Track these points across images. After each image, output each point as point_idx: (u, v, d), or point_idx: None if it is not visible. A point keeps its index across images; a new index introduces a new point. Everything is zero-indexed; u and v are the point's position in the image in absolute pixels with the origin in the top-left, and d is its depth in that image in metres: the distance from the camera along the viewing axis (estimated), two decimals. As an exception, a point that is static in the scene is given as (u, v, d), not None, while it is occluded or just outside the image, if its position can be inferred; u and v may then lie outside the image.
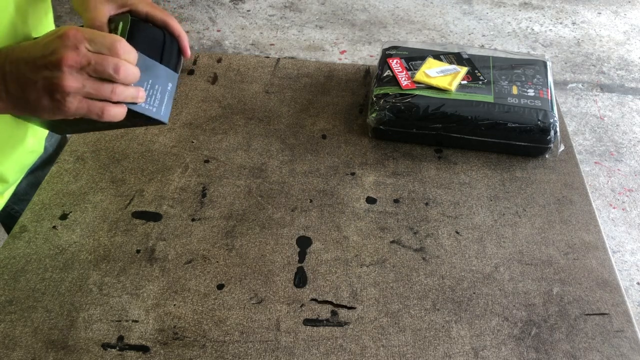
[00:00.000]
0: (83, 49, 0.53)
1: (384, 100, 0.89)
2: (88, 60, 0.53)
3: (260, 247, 0.76)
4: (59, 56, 0.52)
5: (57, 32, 0.53)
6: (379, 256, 0.76)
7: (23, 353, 0.64)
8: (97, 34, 0.54)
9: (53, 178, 0.84)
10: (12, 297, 0.69)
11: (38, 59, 0.53)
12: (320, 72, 1.07)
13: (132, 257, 0.74)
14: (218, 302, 0.70)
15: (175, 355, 0.64)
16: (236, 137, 0.92)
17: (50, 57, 0.52)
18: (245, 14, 2.97)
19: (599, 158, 2.24)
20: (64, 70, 0.52)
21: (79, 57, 0.52)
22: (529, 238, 0.79)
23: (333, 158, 0.89)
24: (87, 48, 0.53)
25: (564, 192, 0.85)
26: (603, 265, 0.75)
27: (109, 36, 0.54)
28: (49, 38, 0.53)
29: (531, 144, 0.88)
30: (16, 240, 0.76)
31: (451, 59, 0.96)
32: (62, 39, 0.52)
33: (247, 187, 0.84)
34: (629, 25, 3.00)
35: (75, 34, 0.52)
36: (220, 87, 1.02)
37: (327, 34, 2.85)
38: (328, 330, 0.67)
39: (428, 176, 0.87)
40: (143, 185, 0.84)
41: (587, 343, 0.67)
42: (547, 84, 0.93)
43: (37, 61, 0.53)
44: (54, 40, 0.53)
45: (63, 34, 0.52)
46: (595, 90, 2.57)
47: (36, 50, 0.53)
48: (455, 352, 0.66)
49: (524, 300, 0.71)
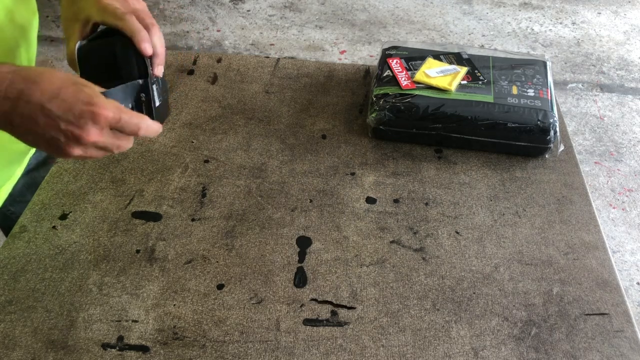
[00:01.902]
0: (107, 131, 0.55)
1: (383, 100, 0.89)
2: (104, 143, 0.55)
3: (260, 247, 0.76)
4: (84, 133, 0.53)
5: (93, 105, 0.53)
6: (379, 256, 0.76)
7: (23, 353, 0.64)
8: (126, 116, 0.55)
9: (53, 178, 0.84)
10: (12, 297, 0.69)
11: (62, 122, 0.52)
12: (320, 72, 1.07)
13: (132, 257, 0.74)
14: (218, 302, 0.70)
15: (175, 355, 0.64)
16: (236, 137, 0.92)
17: (75, 130, 0.53)
18: (245, 14, 2.97)
19: (599, 158, 2.24)
20: (81, 144, 0.54)
21: (100, 137, 0.54)
22: (528, 238, 0.79)
23: (333, 158, 0.89)
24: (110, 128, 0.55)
25: (564, 192, 0.85)
26: (603, 265, 0.75)
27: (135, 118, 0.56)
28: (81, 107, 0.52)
29: (531, 144, 0.88)
30: (16, 240, 0.76)
31: (451, 59, 0.96)
32: (95, 118, 0.53)
33: (247, 187, 0.84)
34: (629, 25, 3.00)
35: (108, 117, 0.53)
36: (220, 87, 1.02)
37: (327, 34, 2.85)
38: (328, 330, 0.67)
39: (428, 176, 0.87)
40: (143, 185, 0.84)
41: (587, 343, 0.67)
42: (547, 84, 0.93)
43: (59, 123, 0.52)
44: (87, 114, 0.53)
45: (99, 114, 0.53)
46: (595, 90, 2.57)
47: (63, 110, 0.52)
48: (455, 352, 0.66)
49: (524, 300, 0.71)
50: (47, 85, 0.52)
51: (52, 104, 0.52)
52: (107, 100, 0.54)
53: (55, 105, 0.52)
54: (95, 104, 0.53)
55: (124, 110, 0.55)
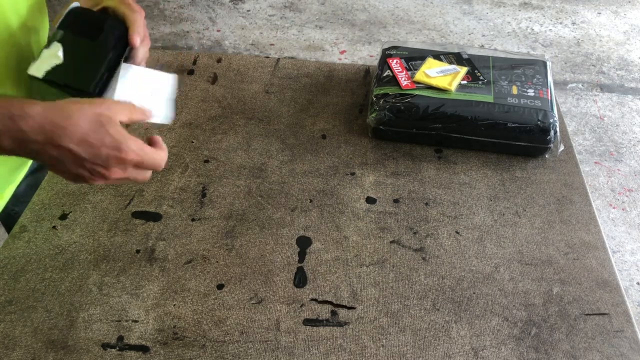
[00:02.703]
0: (130, 169, 0.57)
1: (383, 100, 0.89)
2: (127, 178, 0.58)
3: (260, 247, 0.76)
4: (109, 173, 0.56)
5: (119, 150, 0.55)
6: (379, 256, 0.76)
7: (23, 353, 0.64)
8: (147, 157, 0.57)
9: (53, 178, 0.84)
10: (12, 297, 0.69)
11: (88, 163, 0.54)
12: (320, 72, 1.07)
13: (132, 257, 0.74)
14: (218, 302, 0.70)
15: (175, 355, 0.64)
16: (236, 137, 0.92)
17: (101, 170, 0.55)
18: (245, 14, 2.97)
19: (599, 158, 2.24)
20: (105, 180, 0.57)
21: (122, 175, 0.57)
22: (528, 238, 0.79)
23: (333, 158, 0.89)
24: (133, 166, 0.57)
25: (564, 192, 0.85)
26: (603, 265, 0.75)
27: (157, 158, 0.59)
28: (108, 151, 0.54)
29: (531, 144, 0.88)
30: (16, 240, 0.76)
31: (451, 59, 0.96)
32: (120, 161, 0.55)
33: (247, 187, 0.84)
34: (629, 25, 3.00)
35: (133, 159, 0.56)
36: (220, 87, 1.02)
37: (327, 34, 2.85)
38: (328, 330, 0.67)
39: (428, 176, 0.87)
40: (143, 185, 0.84)
41: (587, 343, 0.67)
42: (547, 84, 0.93)
43: (86, 163, 0.54)
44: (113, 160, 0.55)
45: (124, 159, 0.55)
46: (595, 90, 2.57)
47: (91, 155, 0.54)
48: (455, 352, 0.66)
49: (524, 300, 0.71)
50: (75, 129, 0.54)
51: (80, 148, 0.54)
52: (132, 143, 0.56)
53: (83, 150, 0.54)
54: (121, 150, 0.55)
55: (146, 151, 0.57)
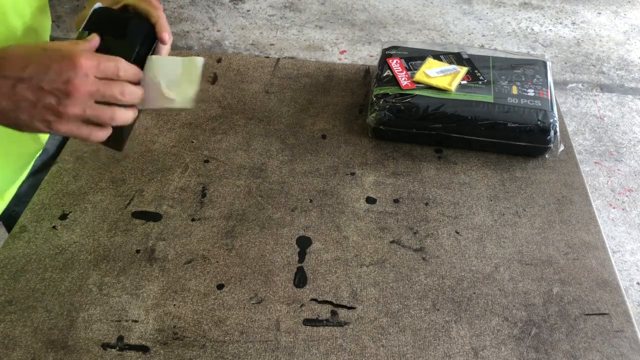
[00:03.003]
0: (92, 77, 0.53)
1: (383, 100, 0.89)
2: (97, 88, 0.54)
3: (260, 247, 0.76)
4: (73, 87, 0.52)
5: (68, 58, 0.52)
6: (379, 256, 0.76)
7: (23, 353, 0.64)
8: (102, 59, 0.54)
9: (53, 178, 0.84)
10: (12, 297, 0.69)
11: (45, 83, 0.52)
12: (320, 72, 1.07)
13: (132, 257, 0.74)
14: (218, 302, 0.70)
15: (175, 355, 0.64)
16: (236, 137, 0.92)
17: (63, 86, 0.52)
18: (245, 14, 2.97)
19: (599, 158, 2.24)
20: (74, 98, 0.52)
21: (90, 86, 0.53)
22: (528, 238, 0.79)
23: (333, 158, 0.89)
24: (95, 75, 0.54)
25: (564, 192, 0.85)
26: (603, 265, 0.75)
27: (112, 60, 0.55)
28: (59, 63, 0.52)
29: (531, 144, 0.88)
30: (16, 240, 0.76)
31: (451, 59, 0.96)
32: (76, 69, 0.52)
33: (247, 187, 0.84)
34: (629, 25, 3.00)
35: (86, 64, 0.52)
36: (220, 87, 1.02)
37: (327, 34, 2.85)
38: (328, 330, 0.67)
39: (428, 176, 0.87)
40: (143, 185, 0.84)
41: (587, 343, 0.67)
42: (547, 84, 0.93)
43: (44, 85, 0.52)
44: (67, 68, 0.52)
45: (77, 64, 0.52)
46: (595, 90, 2.57)
47: (41, 71, 0.52)
48: (455, 352, 0.66)
49: (524, 300, 0.71)
50: (15, 56, 0.52)
51: (28, 70, 0.51)
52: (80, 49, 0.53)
53: (31, 70, 0.51)
54: (71, 55, 0.52)
55: (100, 55, 0.54)
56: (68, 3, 2.97)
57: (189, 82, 0.62)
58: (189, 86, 0.62)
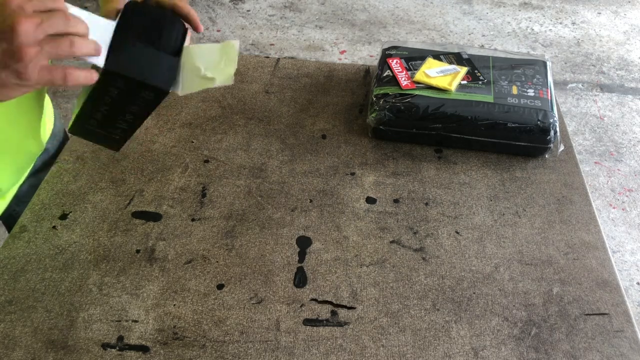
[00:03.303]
0: (29, 8, 0.50)
1: (383, 100, 0.89)
2: (40, 18, 0.50)
3: (260, 247, 0.76)
4: (12, 21, 0.48)
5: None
6: (379, 256, 0.76)
7: (23, 353, 0.64)
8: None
9: (53, 178, 0.84)
10: (12, 297, 0.69)
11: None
12: (320, 72, 1.07)
13: (132, 257, 0.74)
14: (218, 302, 0.70)
15: (175, 355, 0.64)
16: (236, 137, 0.92)
17: (2, 26, 0.49)
18: (245, 14, 2.97)
19: (599, 158, 2.24)
20: (20, 34, 0.49)
21: (30, 17, 0.49)
22: (528, 238, 0.79)
23: (333, 158, 0.89)
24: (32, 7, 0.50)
25: (564, 192, 0.85)
26: (603, 265, 0.75)
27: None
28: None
29: (531, 144, 0.88)
30: (16, 240, 0.76)
31: (451, 59, 0.96)
32: (6, 5, 0.49)
33: (247, 187, 0.84)
34: (629, 25, 3.00)
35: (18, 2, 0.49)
36: (220, 87, 1.02)
37: (327, 34, 2.85)
38: (328, 330, 0.67)
39: (428, 176, 0.87)
40: (143, 185, 0.84)
41: (587, 343, 0.67)
42: (547, 84, 0.93)
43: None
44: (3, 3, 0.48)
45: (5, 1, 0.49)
46: (595, 90, 2.57)
47: None
48: (455, 352, 0.66)
49: (524, 300, 0.71)
50: None
51: None
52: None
53: None
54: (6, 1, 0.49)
55: None
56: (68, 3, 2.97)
57: (227, 62, 0.64)
58: (228, 65, 0.64)
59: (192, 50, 0.64)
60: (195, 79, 0.64)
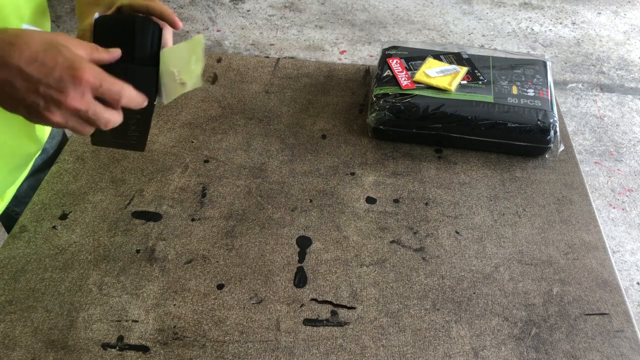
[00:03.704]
0: (88, 96, 0.52)
1: (383, 100, 0.89)
2: (87, 108, 0.53)
3: (260, 247, 0.76)
4: (63, 97, 0.51)
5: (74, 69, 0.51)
6: (379, 256, 0.76)
7: (23, 353, 0.64)
8: (106, 82, 0.53)
9: (53, 178, 0.84)
10: (12, 297, 0.69)
11: (41, 85, 0.50)
12: (320, 72, 1.07)
13: (132, 257, 0.74)
14: (218, 302, 0.70)
15: (175, 355, 0.64)
16: (236, 137, 0.92)
17: (54, 93, 0.51)
18: (245, 14, 2.97)
19: (598, 158, 2.24)
20: (61, 109, 0.52)
21: (81, 104, 0.52)
22: (529, 238, 0.79)
23: (333, 158, 0.89)
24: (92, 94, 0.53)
25: (564, 192, 0.85)
26: (603, 265, 0.75)
27: (117, 85, 0.54)
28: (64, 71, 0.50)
29: (531, 143, 0.88)
30: (16, 240, 0.76)
31: (451, 59, 0.96)
32: (75, 82, 0.51)
33: (247, 187, 0.84)
34: (629, 25, 3.00)
35: (89, 80, 0.51)
36: (220, 87, 1.02)
37: (327, 34, 2.85)
38: (328, 330, 0.67)
39: (428, 176, 0.87)
40: (143, 185, 0.84)
41: (587, 343, 0.67)
42: (547, 84, 0.93)
43: (39, 87, 0.50)
44: (67, 78, 0.51)
45: (80, 78, 0.51)
46: (595, 90, 2.57)
47: (43, 74, 0.50)
48: (455, 352, 0.66)
49: (524, 300, 0.71)
50: (25, 47, 0.50)
51: (31, 68, 0.50)
52: (89, 65, 0.52)
53: (34, 69, 0.50)
54: (76, 68, 0.51)
55: (106, 77, 0.53)
56: (68, 3, 2.97)
57: (195, 62, 0.63)
58: (196, 65, 0.63)
59: (165, 54, 0.63)
60: (173, 85, 0.63)
